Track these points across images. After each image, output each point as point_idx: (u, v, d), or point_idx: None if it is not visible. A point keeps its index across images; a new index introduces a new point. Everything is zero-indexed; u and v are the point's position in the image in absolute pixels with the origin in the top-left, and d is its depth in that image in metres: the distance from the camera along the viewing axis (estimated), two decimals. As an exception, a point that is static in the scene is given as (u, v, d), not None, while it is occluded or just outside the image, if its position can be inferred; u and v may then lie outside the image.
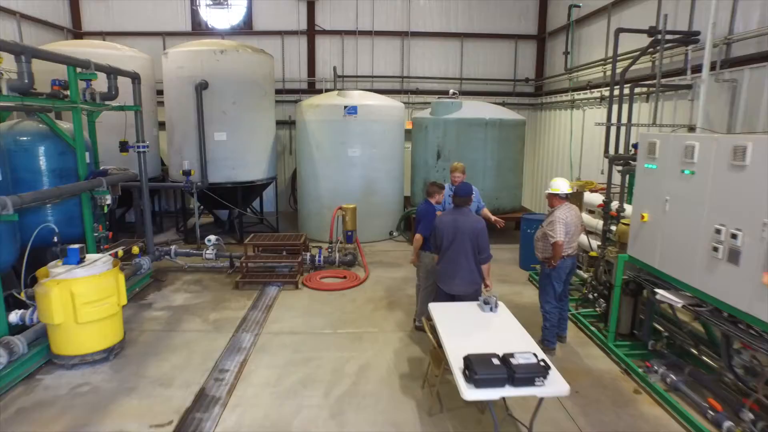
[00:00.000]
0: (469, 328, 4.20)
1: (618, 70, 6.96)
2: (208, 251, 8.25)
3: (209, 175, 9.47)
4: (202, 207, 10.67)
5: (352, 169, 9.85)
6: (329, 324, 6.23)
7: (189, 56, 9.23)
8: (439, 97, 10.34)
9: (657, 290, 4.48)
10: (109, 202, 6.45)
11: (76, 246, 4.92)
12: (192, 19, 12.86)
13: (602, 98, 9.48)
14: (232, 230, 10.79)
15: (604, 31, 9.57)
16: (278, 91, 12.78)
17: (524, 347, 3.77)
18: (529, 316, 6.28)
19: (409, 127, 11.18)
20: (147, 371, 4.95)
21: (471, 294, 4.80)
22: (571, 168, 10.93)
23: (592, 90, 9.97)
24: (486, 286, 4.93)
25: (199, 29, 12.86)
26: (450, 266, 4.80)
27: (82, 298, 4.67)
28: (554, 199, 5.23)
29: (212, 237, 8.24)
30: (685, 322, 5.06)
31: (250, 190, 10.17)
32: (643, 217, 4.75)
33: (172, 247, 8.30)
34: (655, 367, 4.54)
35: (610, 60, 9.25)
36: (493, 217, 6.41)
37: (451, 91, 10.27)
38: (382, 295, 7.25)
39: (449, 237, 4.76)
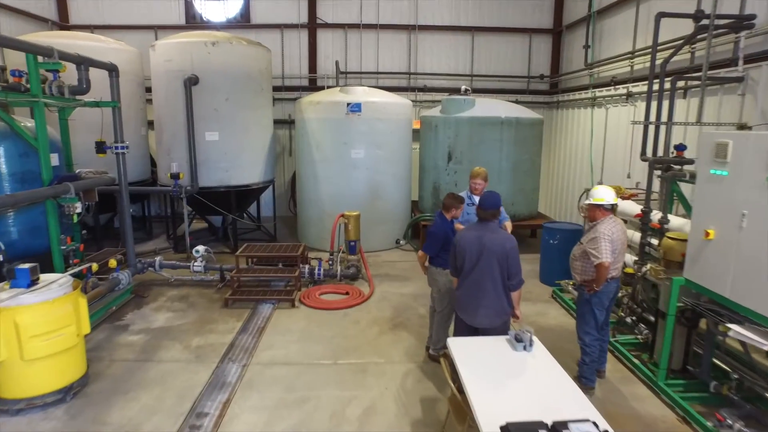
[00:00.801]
0: (499, 374, 3.38)
1: (658, 62, 6.11)
2: (196, 263, 7.46)
3: (200, 178, 8.69)
4: (193, 213, 9.89)
5: (356, 172, 9.05)
6: (329, 352, 5.42)
7: (178, 48, 8.44)
8: (450, 94, 9.53)
9: (730, 326, 3.65)
10: (78, 210, 5.67)
11: (26, 265, 4.13)
12: (186, 12, 12.09)
13: (629, 95, 8.64)
14: (226, 238, 10.00)
15: (631, 22, 8.72)
16: (277, 89, 12.01)
17: (575, 405, 2.95)
18: (556, 341, 5.47)
19: (417, 126, 10.37)
20: (109, 416, 4.15)
21: (498, 327, 3.98)
22: (592, 171, 10.09)
23: (617, 86, 9.12)
24: (515, 317, 4.11)
25: (193, 22, 12.09)
26: (473, 293, 3.98)
27: (29, 330, 3.88)
28: (597, 211, 4.40)
29: (200, 248, 7.45)
30: (757, 360, 4.22)
31: (246, 195, 9.38)
32: (707, 234, 3.92)
33: (157, 259, 7.51)
34: (729, 421, 3.69)
35: (639, 53, 8.47)
36: (508, 225, 5.57)
37: (464, 87, 9.45)
38: (389, 316, 6.43)
39: (473, 258, 3.94)
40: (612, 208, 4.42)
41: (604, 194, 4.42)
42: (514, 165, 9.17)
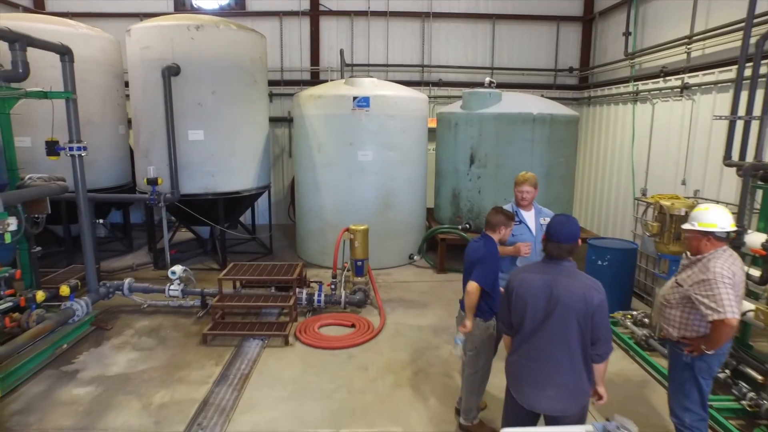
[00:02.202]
0: None
1: (752, 39, 4.81)
2: (172, 287, 6.24)
3: (182, 184, 7.48)
4: (177, 223, 8.69)
5: (363, 178, 7.80)
6: (329, 415, 4.17)
7: (156, 33, 7.23)
8: (473, 87, 8.27)
9: None
10: (12, 228, 4.46)
11: None
12: (175, -2, 10.92)
13: (684, 87, 7.33)
14: (216, 251, 8.79)
15: (688, 1, 7.42)
16: (275, 83, 10.82)
17: None
18: (624, 401, 4.19)
19: (432, 125, 9.12)
20: None
21: (573, 414, 2.72)
22: (633, 176, 8.78)
23: (667, 78, 7.82)
24: (599, 397, 2.83)
25: (183, 9, 10.89)
26: (537, 365, 2.71)
27: None
28: (704, 241, 3.11)
29: (177, 268, 6.22)
30: None
31: (236, 203, 8.15)
32: None
33: (126, 281, 6.30)
34: None
35: (698, 37, 7.15)
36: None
37: (488, 79, 8.16)
38: (406, 359, 5.17)
39: (537, 314, 2.68)
40: (727, 237, 3.14)
41: (716, 217, 3.13)
42: (548, 170, 7.88)
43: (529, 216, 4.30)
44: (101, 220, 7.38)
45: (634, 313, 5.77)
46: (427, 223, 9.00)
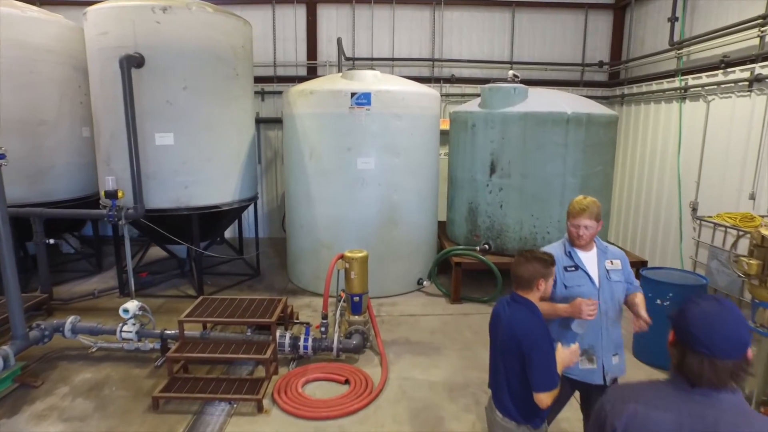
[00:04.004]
0: None
1: None
2: (125, 328, 5.04)
3: (149, 196, 6.28)
4: (147, 240, 7.50)
5: (364, 189, 6.56)
6: None
7: (114, 16, 6.03)
8: (493, 82, 7.01)
9: None
10: None
11: None
12: (155, -16, 9.72)
13: (755, 80, 6.03)
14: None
15: (757, -24, 6.12)
16: (268, 79, 9.63)
17: None
18: None
19: (444, 126, 7.87)
20: None
21: None
22: (679, 187, 7.48)
23: (730, 69, 6.51)
24: None
25: (164, -3, 9.71)
26: None
27: None
28: None
29: (131, 305, 5.01)
30: None
31: (215, 219, 6.93)
32: None
33: (68, 321, 5.10)
34: None
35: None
36: (642, 314, 3.00)
37: (511, 72, 6.92)
38: (414, 436, 3.93)
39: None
40: None
41: None
42: (583, 180, 6.60)
43: (589, 258, 3.03)
44: (50, 240, 6.18)
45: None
46: (438, 240, 7.74)
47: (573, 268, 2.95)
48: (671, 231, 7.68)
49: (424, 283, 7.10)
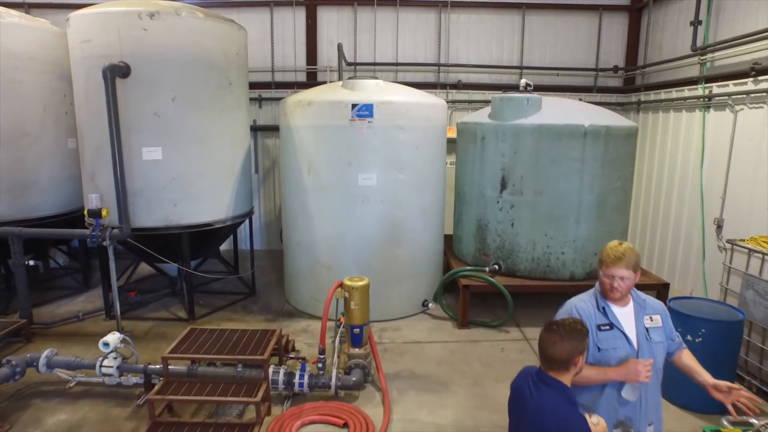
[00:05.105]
0: None
1: None
2: (105, 362, 4.64)
3: (136, 215, 5.88)
4: (136, 260, 7.10)
5: (365, 206, 6.13)
6: None
7: (98, 23, 5.62)
8: (504, 92, 6.55)
9: None
10: None
11: None
12: (149, -15, 9.32)
13: (790, 90, 5.58)
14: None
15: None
16: (265, 85, 9.24)
17: None
18: None
19: (451, 134, 7.43)
20: None
21: None
22: (702, 203, 7.02)
23: (759, 77, 6.04)
24: None
25: None
26: None
27: None
28: None
29: (111, 338, 4.60)
30: None
31: (207, 237, 6.52)
32: None
33: (44, 353, 4.70)
34: None
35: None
36: (710, 380, 2.56)
37: (524, 81, 6.47)
38: (420, 500, 3.50)
39: None
40: None
41: None
42: (600, 198, 6.16)
43: (625, 315, 2.58)
44: (62, 249, 5.79)
45: (754, 421, 4.02)
46: (444, 257, 7.30)
47: (607, 327, 2.51)
48: (692, 249, 7.22)
49: (430, 305, 6.67)
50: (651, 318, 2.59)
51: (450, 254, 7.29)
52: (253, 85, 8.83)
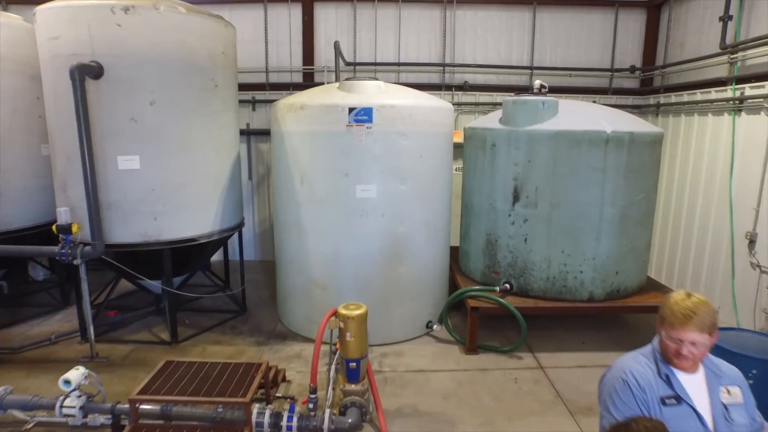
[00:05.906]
0: None
1: None
2: (67, 402, 4.09)
3: (111, 229, 5.34)
4: (115, 276, 6.55)
5: (364, 221, 5.56)
6: None
7: (67, 18, 5.06)
8: (517, 94, 5.98)
9: None
10: None
11: None
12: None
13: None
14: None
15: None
16: (259, 87, 8.69)
17: None
18: None
19: (457, 139, 6.85)
20: None
21: None
22: (731, 214, 6.44)
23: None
24: None
25: (146, -5, 8.77)
26: None
27: None
28: None
29: (73, 375, 4.05)
30: None
31: (192, 252, 5.96)
32: None
33: (-1, 391, 4.17)
34: None
35: None
36: None
37: (538, 82, 5.90)
38: None
39: None
40: None
41: None
42: (623, 211, 5.57)
43: (694, 384, 2.01)
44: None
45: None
46: (450, 272, 6.73)
47: (674, 401, 1.94)
48: (719, 265, 6.64)
49: (435, 327, 6.10)
50: (728, 390, 2.01)
51: (456, 270, 6.72)
52: (245, 87, 8.31)
